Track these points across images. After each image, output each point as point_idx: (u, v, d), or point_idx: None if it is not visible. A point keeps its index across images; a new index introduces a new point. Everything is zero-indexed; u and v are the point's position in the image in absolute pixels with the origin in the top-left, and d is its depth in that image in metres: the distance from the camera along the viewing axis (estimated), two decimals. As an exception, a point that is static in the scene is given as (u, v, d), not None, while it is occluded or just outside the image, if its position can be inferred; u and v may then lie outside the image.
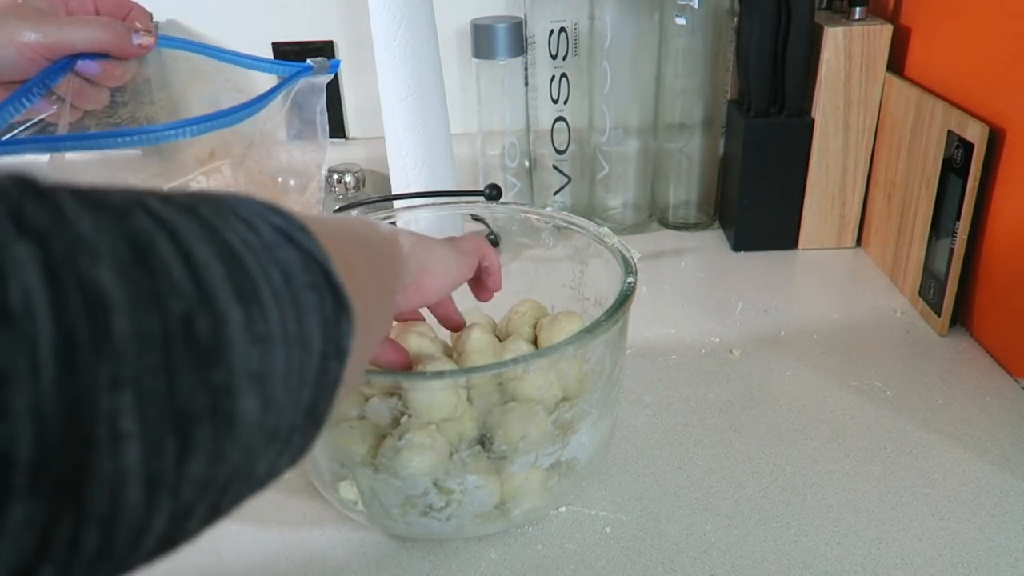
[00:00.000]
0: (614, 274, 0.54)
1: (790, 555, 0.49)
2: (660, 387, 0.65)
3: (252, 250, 0.22)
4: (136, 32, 0.50)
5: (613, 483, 0.55)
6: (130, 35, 0.50)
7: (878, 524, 0.51)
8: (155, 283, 0.18)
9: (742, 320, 0.74)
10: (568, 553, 0.50)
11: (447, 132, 0.81)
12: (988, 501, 0.52)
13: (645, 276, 0.82)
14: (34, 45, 0.47)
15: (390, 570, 0.50)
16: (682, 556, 0.49)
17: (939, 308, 0.69)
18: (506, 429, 0.47)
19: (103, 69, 0.50)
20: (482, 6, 0.92)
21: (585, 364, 0.50)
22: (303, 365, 0.23)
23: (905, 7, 0.79)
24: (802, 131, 0.81)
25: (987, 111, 0.65)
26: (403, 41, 0.74)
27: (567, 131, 0.89)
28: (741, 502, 0.53)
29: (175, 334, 0.18)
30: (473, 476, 0.47)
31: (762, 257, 0.85)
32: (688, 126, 0.88)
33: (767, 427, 0.60)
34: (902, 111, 0.75)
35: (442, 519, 0.48)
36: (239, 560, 0.51)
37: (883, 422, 0.60)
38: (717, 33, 0.84)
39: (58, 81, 0.49)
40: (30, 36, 0.47)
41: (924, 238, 0.72)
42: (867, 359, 0.67)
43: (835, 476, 0.55)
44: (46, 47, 0.47)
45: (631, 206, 0.93)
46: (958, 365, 0.66)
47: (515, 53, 0.85)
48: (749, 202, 0.84)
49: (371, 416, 0.48)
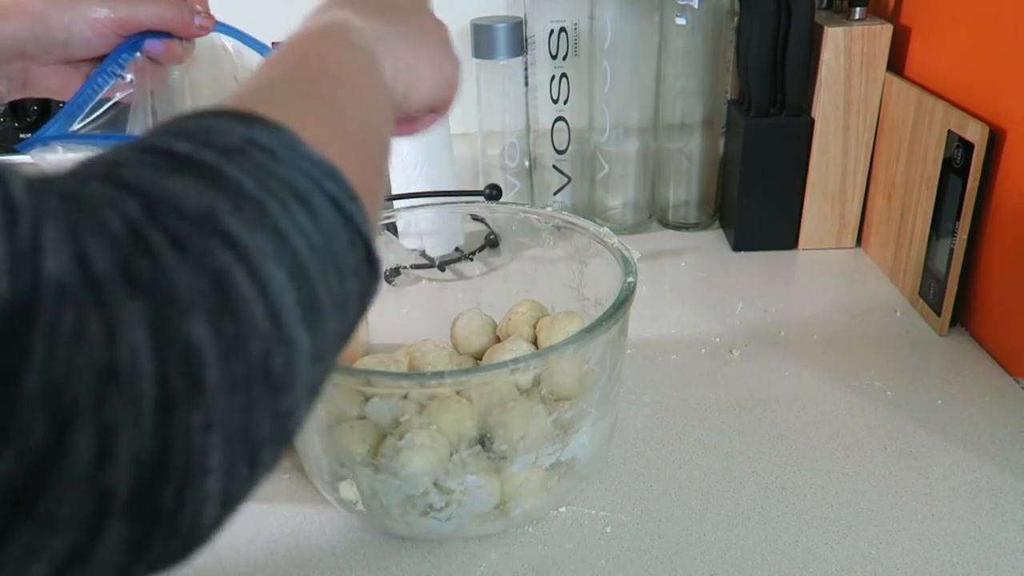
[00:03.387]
0: (614, 274, 0.54)
1: (790, 555, 0.49)
2: (660, 387, 0.65)
3: (316, 252, 0.22)
4: (197, 13, 0.52)
5: (613, 483, 0.55)
6: (192, 15, 0.51)
7: (878, 524, 0.51)
8: (238, 328, 0.19)
9: (742, 320, 0.74)
10: (568, 553, 0.50)
11: (447, 132, 0.81)
12: (988, 501, 0.52)
13: (645, 276, 0.81)
14: (105, 21, 0.48)
15: (390, 570, 0.50)
16: (682, 556, 0.49)
17: (939, 308, 0.69)
18: (506, 429, 0.47)
19: (167, 47, 0.51)
20: (482, 6, 0.92)
21: (585, 364, 0.50)
22: (342, 341, 0.24)
23: (905, 7, 0.79)
24: (802, 131, 0.81)
25: (987, 111, 0.65)
26: (403, 41, 0.74)
27: (567, 131, 0.89)
28: (741, 502, 0.53)
29: (256, 374, 0.19)
30: (473, 476, 0.47)
31: (762, 257, 0.85)
32: (688, 126, 0.88)
33: (767, 427, 0.60)
34: (902, 111, 0.75)
35: (442, 519, 0.48)
36: (239, 560, 0.51)
37: (883, 422, 0.60)
38: (717, 33, 0.84)
39: (130, 59, 0.50)
40: (101, 12, 0.48)
41: (924, 238, 0.72)
42: (867, 359, 0.67)
43: (835, 476, 0.55)
44: (116, 23, 0.48)
45: (631, 206, 0.93)
46: (958, 365, 0.66)
47: (515, 53, 0.85)
48: (749, 202, 0.84)
49: (371, 416, 0.48)
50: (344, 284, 0.23)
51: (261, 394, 0.19)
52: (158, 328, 0.17)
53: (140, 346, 0.17)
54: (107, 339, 0.16)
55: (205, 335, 0.18)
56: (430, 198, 0.77)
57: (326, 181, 0.23)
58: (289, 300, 0.20)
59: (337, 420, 0.48)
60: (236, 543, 0.52)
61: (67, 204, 0.17)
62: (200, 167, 0.20)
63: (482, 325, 0.59)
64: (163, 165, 0.20)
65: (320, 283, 0.22)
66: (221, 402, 0.18)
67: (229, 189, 0.21)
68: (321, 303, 0.22)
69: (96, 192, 0.18)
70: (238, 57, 0.58)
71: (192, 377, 0.17)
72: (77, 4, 0.47)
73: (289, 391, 0.20)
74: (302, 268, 0.21)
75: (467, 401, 0.49)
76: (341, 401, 0.48)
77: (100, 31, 0.48)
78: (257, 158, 0.22)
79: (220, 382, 0.18)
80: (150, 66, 0.51)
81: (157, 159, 0.20)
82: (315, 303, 0.22)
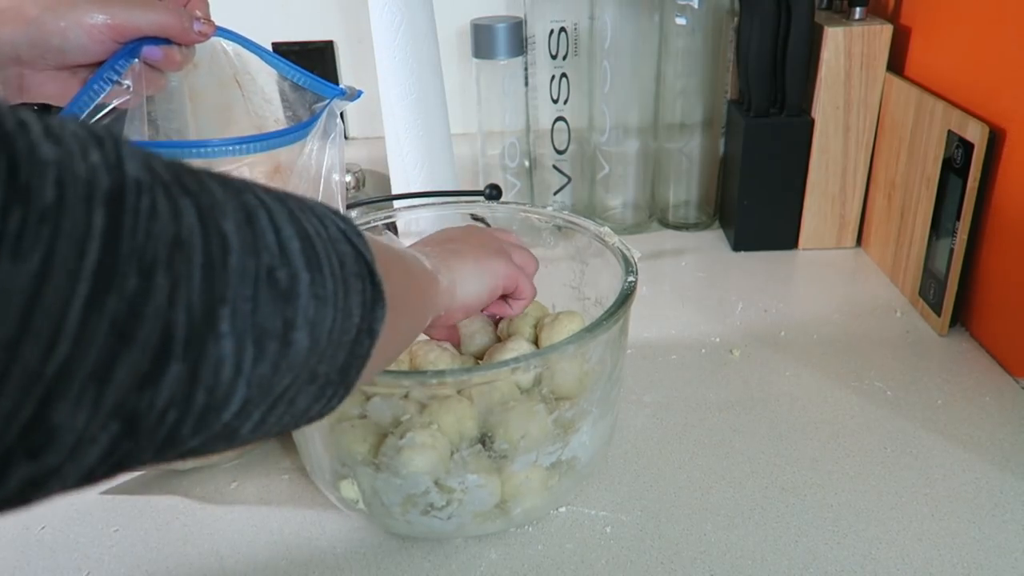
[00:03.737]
0: (615, 273, 0.54)
1: (790, 555, 0.49)
2: (660, 387, 0.65)
3: (321, 238, 0.29)
4: (196, 19, 0.51)
5: (613, 483, 0.55)
6: (191, 21, 0.51)
7: (878, 524, 0.51)
8: (255, 241, 0.25)
9: (742, 320, 0.74)
10: (568, 553, 0.50)
11: (447, 132, 0.81)
12: (988, 501, 0.52)
13: (645, 276, 0.82)
14: (102, 27, 0.47)
15: (390, 570, 0.50)
16: (682, 556, 0.49)
17: (939, 308, 0.69)
18: (507, 428, 0.47)
19: (165, 54, 0.51)
20: (482, 6, 0.92)
21: (586, 363, 0.50)
22: (344, 331, 0.30)
23: (905, 7, 0.79)
24: (802, 131, 0.81)
25: (987, 111, 0.65)
26: (403, 41, 0.74)
27: (567, 131, 0.89)
28: (741, 502, 0.53)
29: (262, 275, 0.25)
30: (474, 475, 0.47)
31: (762, 257, 0.85)
32: (688, 126, 0.88)
33: (767, 427, 0.60)
34: (902, 111, 0.75)
35: (443, 518, 0.48)
36: (239, 560, 0.51)
37: (883, 422, 0.60)
38: (717, 33, 0.84)
39: (127, 65, 0.50)
40: (99, 18, 0.47)
41: (924, 238, 0.72)
42: (867, 359, 0.67)
43: (835, 476, 0.55)
44: (113, 29, 0.48)
45: (631, 206, 0.93)
46: (958, 365, 0.66)
47: (515, 53, 0.85)
48: (749, 202, 0.84)
49: (372, 415, 0.48)
50: (344, 270, 0.30)
51: (266, 293, 0.25)
52: (204, 217, 0.23)
53: (194, 226, 0.23)
54: (173, 218, 0.22)
55: (233, 232, 0.24)
56: (430, 198, 0.77)
57: (342, 223, 0.31)
58: (295, 245, 0.27)
59: (338, 419, 0.48)
60: (236, 543, 0.52)
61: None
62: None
63: (483, 324, 0.59)
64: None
65: (322, 253, 0.28)
66: (234, 283, 0.24)
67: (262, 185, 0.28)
68: (322, 264, 0.28)
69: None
70: (239, 61, 0.58)
71: (225, 255, 0.24)
72: (74, 9, 0.47)
73: (289, 303, 0.26)
74: (308, 237, 0.28)
75: (468, 400, 0.49)
76: (342, 400, 0.48)
77: (97, 37, 0.47)
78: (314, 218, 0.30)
79: (237, 267, 0.24)
80: (148, 72, 0.51)
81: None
82: (317, 261, 0.28)
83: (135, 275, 0.21)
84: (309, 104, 0.59)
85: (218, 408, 0.25)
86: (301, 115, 0.59)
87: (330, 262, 0.29)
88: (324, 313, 0.28)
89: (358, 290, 0.30)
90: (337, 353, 0.30)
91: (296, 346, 0.27)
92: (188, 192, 0.24)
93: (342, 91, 0.57)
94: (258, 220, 0.26)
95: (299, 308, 0.27)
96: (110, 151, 0.21)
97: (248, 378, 0.25)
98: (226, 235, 0.24)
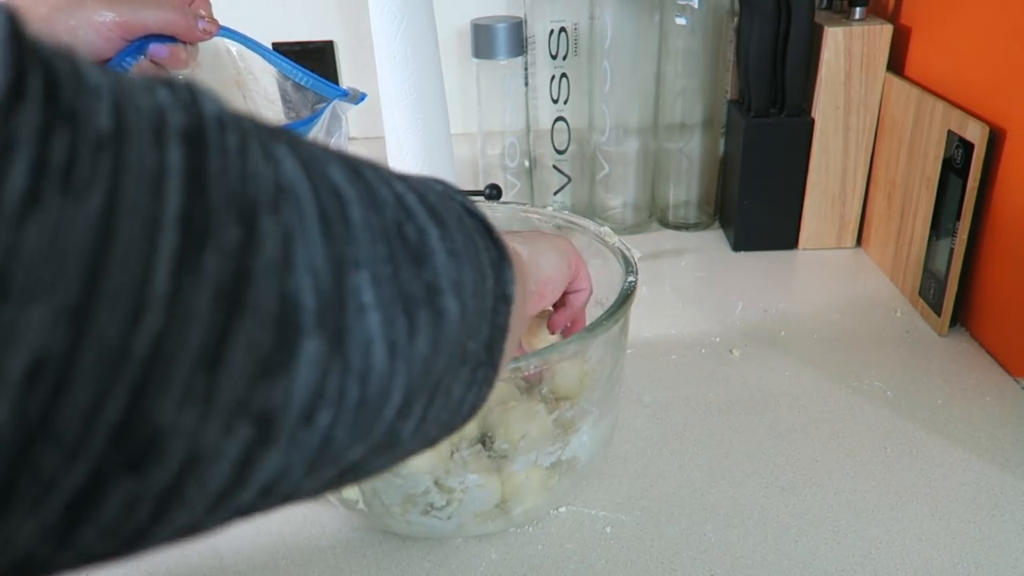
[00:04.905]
0: (615, 273, 0.54)
1: (790, 555, 0.49)
2: (660, 387, 0.65)
3: (433, 191, 0.25)
4: (201, 18, 0.52)
5: (613, 483, 0.55)
6: (196, 20, 0.51)
7: (878, 524, 0.51)
8: (370, 193, 0.21)
9: (742, 320, 0.74)
10: (568, 553, 0.50)
11: (447, 132, 0.81)
12: (988, 501, 0.52)
13: (645, 276, 0.82)
14: (110, 24, 0.48)
15: (390, 569, 0.49)
16: (682, 556, 0.49)
17: (939, 308, 0.69)
18: (507, 428, 0.47)
19: (171, 52, 0.51)
20: (482, 6, 0.92)
21: (586, 363, 0.50)
22: (483, 295, 0.25)
23: (905, 7, 0.79)
24: (802, 131, 0.81)
25: (987, 111, 0.65)
26: (403, 41, 0.74)
27: (567, 131, 0.89)
28: (741, 502, 0.53)
29: (393, 232, 0.21)
30: (474, 475, 0.47)
31: (762, 257, 0.85)
32: (688, 126, 0.88)
33: (767, 427, 0.60)
34: (902, 111, 0.75)
35: (443, 518, 0.48)
36: (239, 560, 0.51)
37: (883, 422, 0.60)
38: (717, 33, 0.84)
39: (133, 63, 0.50)
40: (107, 16, 0.48)
41: (924, 238, 0.72)
42: (867, 359, 0.67)
43: (835, 476, 0.55)
44: (121, 26, 0.48)
45: (631, 206, 0.93)
46: (958, 365, 0.66)
47: (515, 53, 0.85)
48: (749, 202, 0.84)
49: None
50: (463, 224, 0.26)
51: (401, 253, 0.21)
52: (306, 164, 0.20)
53: (296, 171, 0.19)
54: (268, 159, 0.18)
55: (344, 182, 0.20)
56: (430, 198, 0.77)
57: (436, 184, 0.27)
58: (412, 198, 0.23)
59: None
60: (236, 543, 0.52)
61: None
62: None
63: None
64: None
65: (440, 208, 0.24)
66: (366, 243, 0.20)
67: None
68: (445, 218, 0.24)
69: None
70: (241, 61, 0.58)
71: (342, 208, 0.20)
72: (83, 8, 0.47)
73: (427, 263, 0.22)
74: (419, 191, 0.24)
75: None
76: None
77: (105, 35, 0.48)
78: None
79: (364, 222, 0.20)
80: (153, 70, 0.52)
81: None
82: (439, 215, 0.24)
83: (235, 223, 0.17)
84: (311, 104, 0.59)
85: (378, 401, 0.20)
86: (303, 115, 0.59)
87: (451, 216, 0.25)
88: (464, 273, 0.24)
89: (483, 247, 0.26)
90: (481, 325, 0.26)
91: (448, 315, 0.23)
92: (279, 139, 0.20)
93: (344, 92, 0.57)
94: (364, 173, 0.22)
95: (438, 268, 0.22)
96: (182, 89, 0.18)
97: (408, 359, 0.21)
98: (337, 184, 0.20)
